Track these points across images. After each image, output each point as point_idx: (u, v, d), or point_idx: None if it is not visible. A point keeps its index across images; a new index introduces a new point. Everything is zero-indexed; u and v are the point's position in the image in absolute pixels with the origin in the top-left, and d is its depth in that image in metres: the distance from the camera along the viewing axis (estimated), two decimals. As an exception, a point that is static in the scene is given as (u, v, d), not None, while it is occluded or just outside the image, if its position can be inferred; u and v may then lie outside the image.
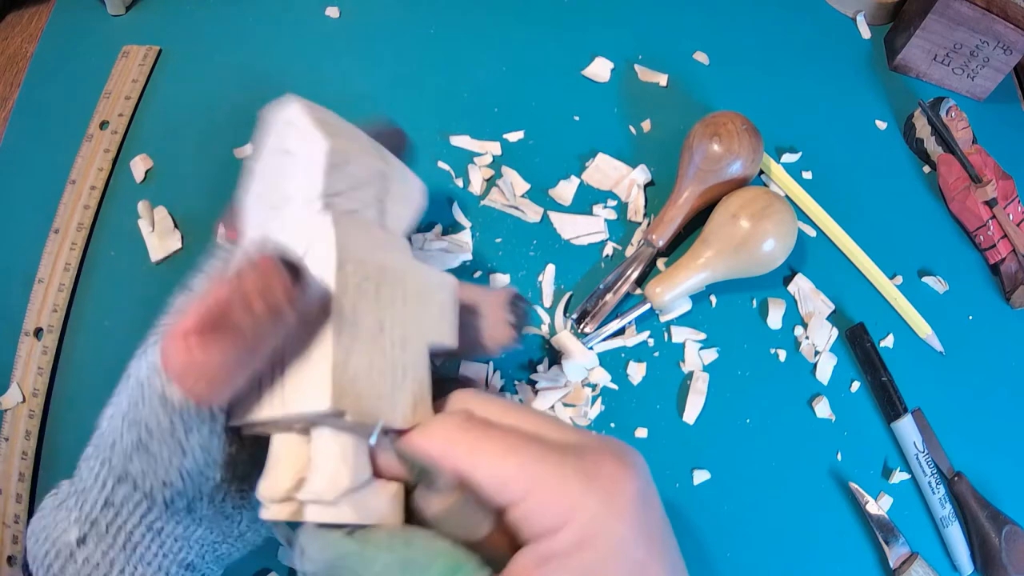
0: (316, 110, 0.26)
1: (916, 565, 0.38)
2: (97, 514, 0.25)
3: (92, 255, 0.39)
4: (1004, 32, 0.49)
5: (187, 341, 0.21)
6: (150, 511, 0.25)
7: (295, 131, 0.25)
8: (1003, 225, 0.47)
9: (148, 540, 0.25)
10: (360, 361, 0.23)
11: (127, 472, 0.24)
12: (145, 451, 0.23)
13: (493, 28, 0.49)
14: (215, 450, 0.24)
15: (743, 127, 0.42)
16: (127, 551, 0.25)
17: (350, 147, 0.25)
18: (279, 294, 0.21)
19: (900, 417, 0.41)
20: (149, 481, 0.24)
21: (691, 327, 0.42)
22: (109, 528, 0.25)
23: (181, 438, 0.23)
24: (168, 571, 0.26)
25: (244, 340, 0.21)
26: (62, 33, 0.45)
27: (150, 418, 0.23)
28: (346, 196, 0.25)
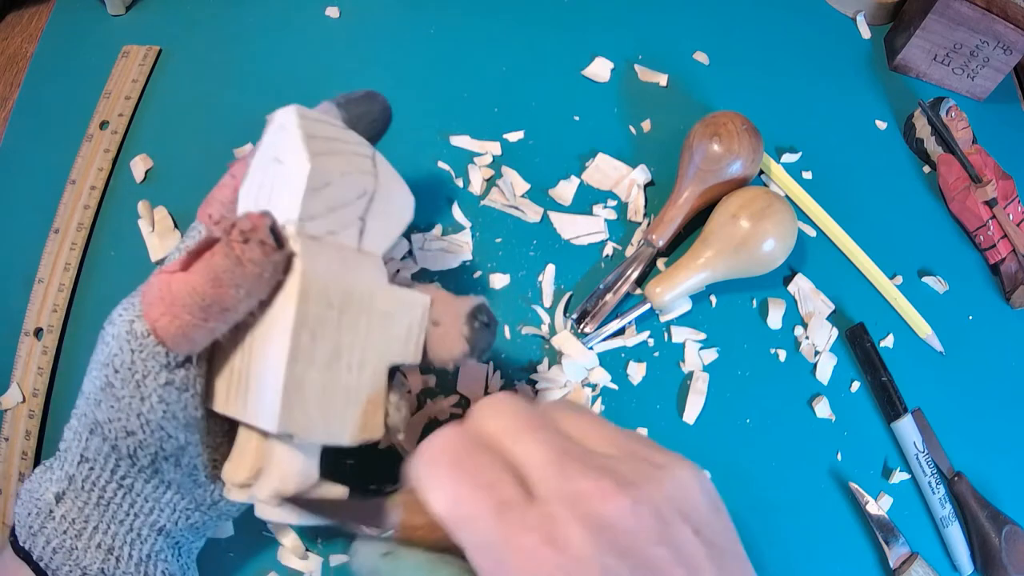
0: (312, 121, 0.26)
1: (916, 565, 0.38)
2: (74, 470, 0.26)
3: (92, 255, 0.39)
4: (1004, 32, 0.49)
5: (171, 275, 0.23)
6: (118, 465, 0.26)
7: (287, 141, 0.25)
8: (1003, 225, 0.47)
9: (120, 498, 0.26)
10: (313, 387, 0.24)
11: (96, 420, 0.25)
12: (110, 391, 0.24)
13: (493, 28, 0.49)
14: (174, 405, 0.25)
15: (743, 127, 0.42)
16: (100, 508, 0.26)
17: (335, 167, 0.25)
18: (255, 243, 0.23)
19: (900, 417, 0.41)
20: (113, 428, 0.25)
21: (691, 327, 0.42)
22: (84, 484, 0.26)
23: (139, 379, 0.24)
24: (140, 532, 0.27)
25: (214, 277, 0.23)
26: (62, 33, 0.45)
27: (115, 354, 0.24)
28: (323, 219, 0.25)
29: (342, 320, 0.25)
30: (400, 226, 0.28)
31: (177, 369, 0.25)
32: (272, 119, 0.27)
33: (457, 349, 0.28)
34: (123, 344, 0.24)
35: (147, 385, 0.24)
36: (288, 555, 0.34)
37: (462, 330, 0.28)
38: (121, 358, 0.24)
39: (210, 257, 0.23)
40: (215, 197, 0.28)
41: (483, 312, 0.29)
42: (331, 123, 0.27)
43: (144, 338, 0.24)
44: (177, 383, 0.25)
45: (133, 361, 0.24)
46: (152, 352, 0.24)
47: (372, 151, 0.28)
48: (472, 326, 0.28)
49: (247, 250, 0.23)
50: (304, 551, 0.34)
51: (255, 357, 0.25)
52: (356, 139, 0.28)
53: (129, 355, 0.24)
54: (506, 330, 0.40)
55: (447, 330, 0.28)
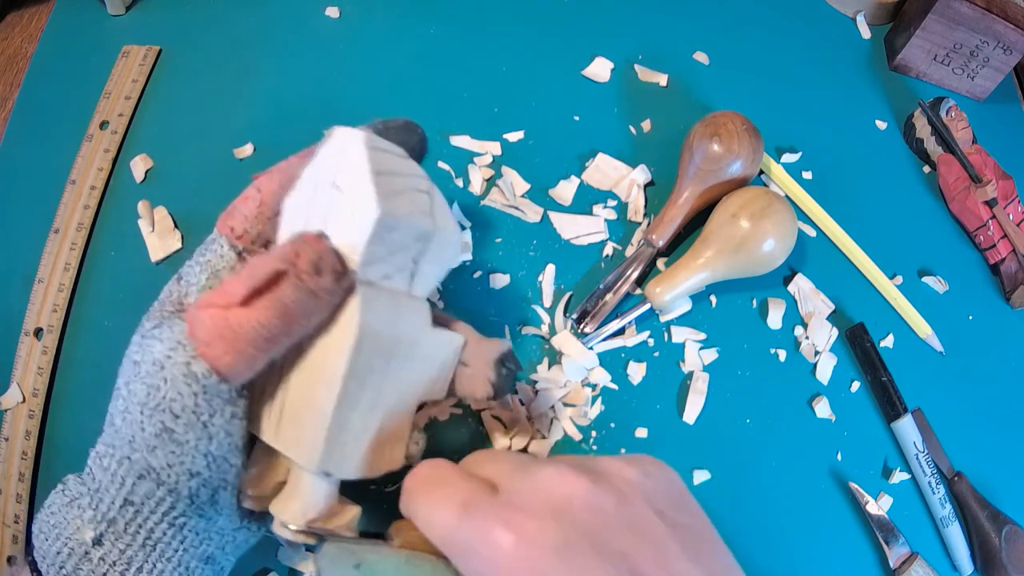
0: (379, 153, 0.25)
1: (916, 565, 0.38)
2: (115, 513, 0.24)
3: (92, 255, 0.39)
4: (1004, 32, 0.49)
5: (227, 310, 0.22)
6: (174, 508, 0.24)
7: (351, 171, 0.24)
8: (1003, 225, 0.47)
9: (169, 536, 0.25)
10: (353, 429, 0.25)
11: (150, 467, 0.24)
12: (169, 438, 0.23)
13: (493, 28, 0.49)
14: (237, 434, 0.24)
15: (743, 127, 0.42)
16: (147, 549, 0.24)
17: (400, 210, 0.24)
18: (327, 273, 0.22)
19: (900, 417, 0.41)
20: (175, 472, 0.24)
21: (691, 327, 0.42)
22: (128, 527, 0.24)
23: (206, 420, 0.23)
24: (188, 566, 0.25)
25: (283, 310, 0.22)
26: (62, 33, 0.45)
27: (174, 400, 0.23)
28: (382, 263, 0.25)
29: (389, 367, 0.25)
30: (447, 267, 0.28)
31: (239, 400, 0.24)
32: (331, 136, 0.26)
33: (480, 391, 0.29)
34: (182, 388, 0.23)
35: (214, 424, 0.23)
36: (288, 555, 0.34)
37: (489, 375, 0.29)
38: (181, 403, 0.23)
39: (278, 291, 0.22)
40: (238, 210, 0.27)
41: (510, 360, 0.30)
42: (394, 153, 0.26)
43: (206, 379, 0.23)
44: (240, 413, 0.24)
45: (197, 404, 0.23)
46: (217, 391, 0.23)
47: (429, 185, 0.27)
48: (499, 372, 0.29)
49: (321, 281, 0.22)
50: (304, 551, 0.34)
51: (295, 390, 0.24)
52: (417, 171, 0.27)
53: (192, 399, 0.23)
54: (506, 330, 0.40)
55: (475, 372, 0.29)
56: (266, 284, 0.22)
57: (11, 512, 0.34)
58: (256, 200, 0.26)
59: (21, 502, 0.34)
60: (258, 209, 0.26)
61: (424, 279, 0.27)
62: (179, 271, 0.27)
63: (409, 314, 0.26)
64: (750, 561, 0.38)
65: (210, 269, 0.26)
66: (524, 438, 0.37)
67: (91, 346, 0.37)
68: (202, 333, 0.23)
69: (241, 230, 0.26)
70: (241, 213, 0.27)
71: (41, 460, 0.35)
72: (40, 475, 0.35)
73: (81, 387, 0.36)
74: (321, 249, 0.22)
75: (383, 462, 0.27)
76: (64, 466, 0.35)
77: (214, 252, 0.27)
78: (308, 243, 0.22)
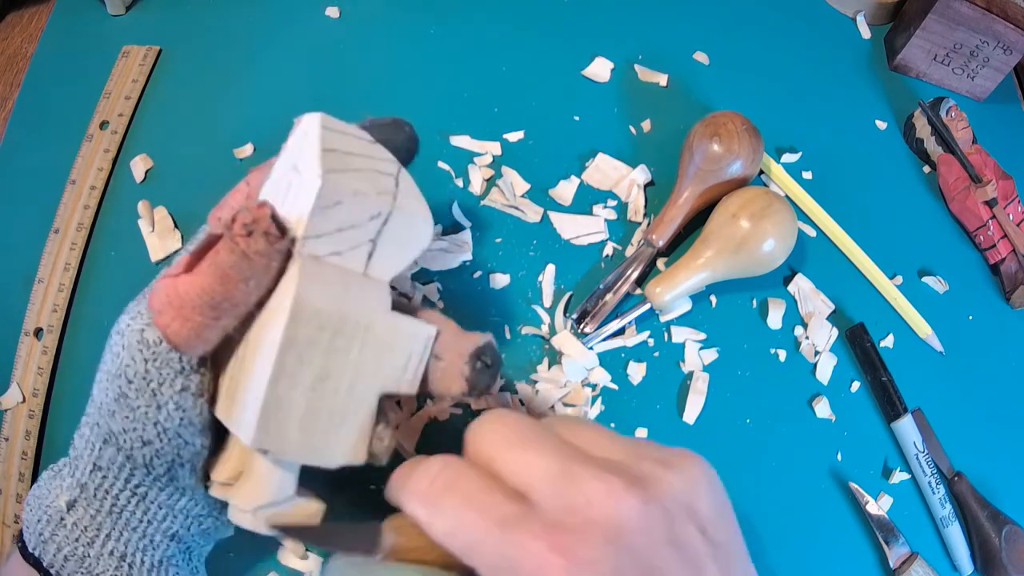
0: (335, 133, 0.25)
1: (916, 565, 0.38)
2: (86, 479, 0.26)
3: (92, 255, 0.39)
4: (1004, 32, 0.49)
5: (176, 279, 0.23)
6: (133, 475, 0.25)
7: (306, 149, 0.25)
8: (1003, 225, 0.47)
9: (133, 506, 0.26)
10: (294, 407, 0.24)
11: (111, 431, 0.25)
12: (125, 403, 0.24)
13: (493, 28, 0.49)
14: (191, 411, 0.25)
15: (743, 127, 0.42)
16: (113, 516, 0.26)
17: (349, 185, 0.24)
18: (259, 235, 0.23)
19: (900, 417, 0.41)
20: (129, 439, 0.24)
21: (691, 327, 0.42)
22: (97, 492, 0.25)
23: (155, 387, 0.24)
24: (153, 538, 0.26)
25: (221, 274, 0.23)
26: (62, 33, 0.45)
27: (128, 365, 0.24)
28: (329, 238, 0.24)
29: (334, 344, 0.24)
30: (414, 252, 0.27)
31: (192, 374, 0.24)
32: (299, 122, 0.26)
33: (455, 387, 0.27)
34: (135, 354, 0.24)
35: (163, 393, 0.24)
36: (288, 555, 0.34)
37: (463, 369, 0.27)
38: (134, 368, 0.24)
39: (215, 255, 0.23)
40: (227, 203, 0.27)
41: (487, 353, 0.28)
42: (357, 136, 0.26)
43: (157, 346, 0.23)
44: (193, 388, 0.24)
45: (147, 371, 0.24)
46: (166, 359, 0.24)
47: (397, 169, 0.27)
48: (473, 367, 0.27)
49: (252, 243, 0.22)
50: (304, 551, 0.34)
51: (244, 367, 0.24)
52: (383, 155, 0.27)
53: (143, 365, 0.24)
54: (506, 330, 0.40)
55: (448, 366, 0.27)
56: (205, 249, 0.23)
57: (11, 512, 0.34)
58: (244, 193, 0.27)
59: (21, 502, 0.34)
60: (246, 201, 0.27)
61: (385, 261, 0.26)
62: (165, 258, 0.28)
63: (360, 293, 0.25)
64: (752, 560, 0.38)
65: None
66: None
67: (91, 346, 0.37)
68: (155, 302, 0.24)
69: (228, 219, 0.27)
70: (229, 205, 0.27)
71: (41, 460, 0.35)
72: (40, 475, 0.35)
73: (81, 387, 0.36)
74: (256, 212, 0.23)
75: (336, 451, 0.25)
76: (64, 466, 0.35)
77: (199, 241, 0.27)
78: (247, 209, 0.23)
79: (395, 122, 0.31)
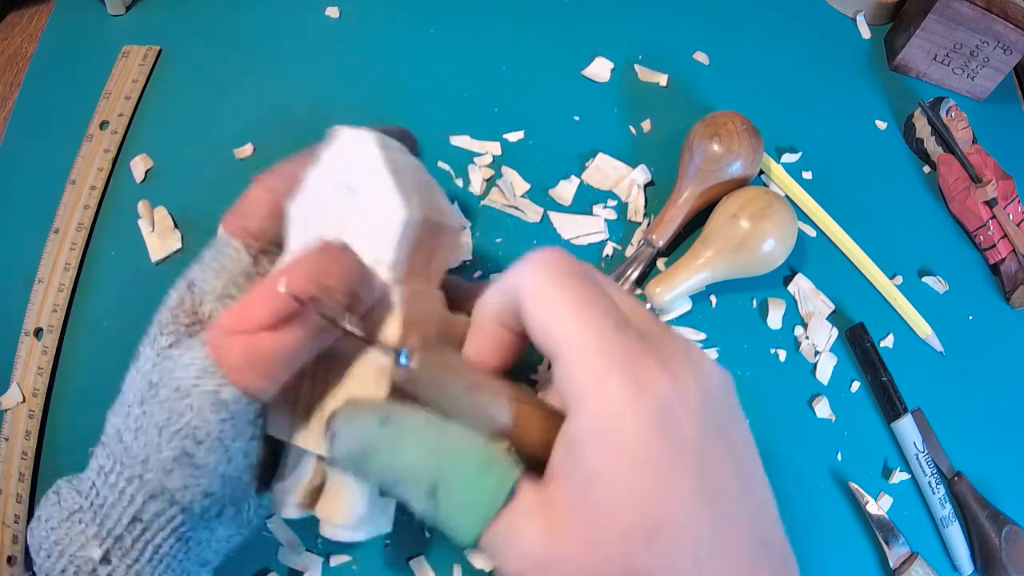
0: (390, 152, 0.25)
1: (916, 565, 0.38)
2: (122, 531, 0.24)
3: (92, 255, 0.39)
4: (1004, 32, 0.49)
5: (255, 335, 0.21)
6: (183, 524, 0.24)
7: (366, 172, 0.24)
8: (1003, 225, 0.47)
9: (176, 550, 0.25)
10: None
11: (164, 488, 0.23)
12: (189, 462, 0.23)
13: (493, 28, 0.49)
14: (254, 453, 0.24)
15: (743, 127, 0.42)
16: (153, 563, 0.24)
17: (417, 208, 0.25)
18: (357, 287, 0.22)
19: (900, 417, 0.41)
20: (190, 493, 0.23)
21: (691, 327, 0.42)
22: (136, 543, 0.24)
23: (229, 443, 0.23)
24: (189, 572, 0.25)
25: (319, 333, 0.22)
26: (62, 33, 0.45)
27: (198, 427, 0.22)
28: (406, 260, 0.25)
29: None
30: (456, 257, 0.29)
31: (259, 419, 0.24)
32: (337, 137, 0.26)
33: None
34: (208, 416, 0.22)
35: (236, 446, 0.23)
36: (288, 555, 0.34)
37: None
38: (207, 429, 0.22)
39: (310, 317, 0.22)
40: (253, 212, 0.26)
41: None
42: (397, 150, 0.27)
43: (236, 405, 0.22)
44: (259, 432, 0.24)
45: (223, 430, 0.22)
46: (245, 414, 0.23)
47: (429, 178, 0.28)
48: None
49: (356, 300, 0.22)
50: (304, 551, 0.34)
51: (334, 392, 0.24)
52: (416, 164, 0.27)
53: (218, 426, 0.22)
54: (506, 330, 0.40)
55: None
56: (291, 315, 0.21)
57: (11, 512, 0.34)
58: (269, 201, 0.26)
59: (21, 502, 0.34)
60: (271, 209, 0.26)
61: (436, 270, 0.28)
62: (187, 277, 0.26)
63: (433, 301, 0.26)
64: (750, 561, 0.38)
65: (226, 275, 0.25)
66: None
67: (91, 346, 0.37)
68: (232, 361, 0.22)
69: (257, 230, 0.26)
70: (256, 214, 0.26)
71: (41, 460, 0.35)
72: (40, 475, 0.35)
73: (81, 387, 0.36)
74: (348, 265, 0.22)
75: None
76: (64, 466, 0.35)
77: (228, 256, 0.26)
78: (333, 259, 0.22)
79: (401, 132, 0.31)
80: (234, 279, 0.25)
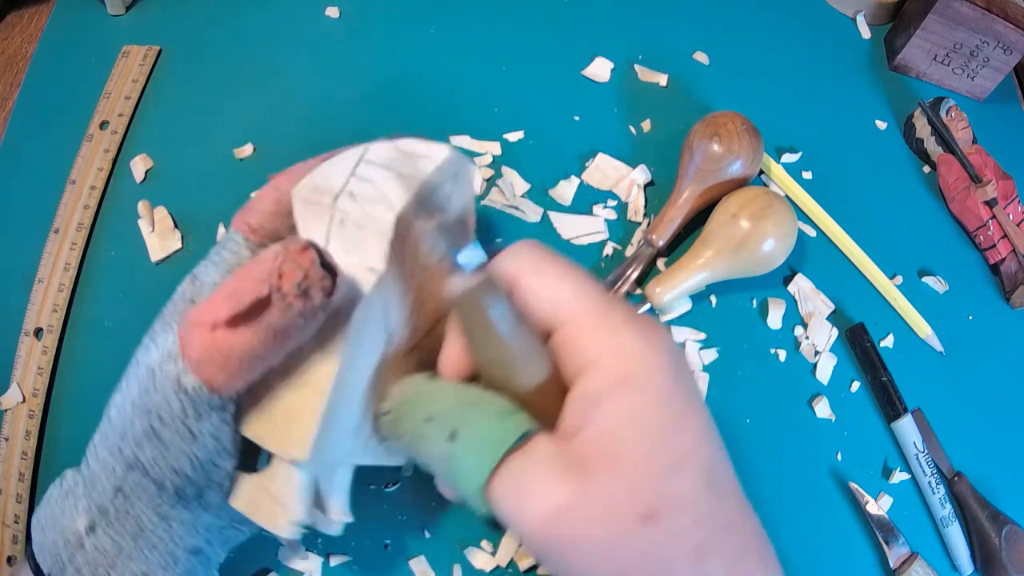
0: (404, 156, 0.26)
1: (916, 565, 0.38)
2: (107, 502, 0.25)
3: (92, 255, 0.39)
4: (1004, 32, 0.49)
5: (213, 331, 0.21)
6: (159, 497, 0.25)
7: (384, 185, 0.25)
8: (1003, 225, 0.47)
9: (155, 525, 0.25)
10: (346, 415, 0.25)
11: (137, 460, 0.24)
12: (156, 438, 0.23)
13: (493, 28, 0.49)
14: (225, 438, 0.24)
15: (743, 127, 0.42)
16: (136, 538, 0.25)
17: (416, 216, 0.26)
18: (317, 294, 0.21)
19: (900, 417, 0.41)
20: (160, 468, 0.24)
21: (691, 327, 0.42)
22: (118, 514, 0.25)
23: (192, 425, 0.23)
24: (176, 556, 0.26)
25: (274, 334, 0.21)
26: (62, 33, 0.45)
27: (161, 405, 0.23)
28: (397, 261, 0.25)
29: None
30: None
31: (229, 404, 0.23)
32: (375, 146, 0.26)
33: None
34: (169, 397, 0.23)
35: (200, 428, 0.23)
36: (288, 555, 0.34)
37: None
38: (168, 409, 0.23)
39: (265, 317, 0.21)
40: (255, 208, 0.27)
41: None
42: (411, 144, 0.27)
43: (196, 393, 0.22)
44: (228, 418, 0.24)
45: (184, 412, 0.23)
46: (207, 400, 0.23)
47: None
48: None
49: (309, 301, 0.21)
50: (304, 551, 0.34)
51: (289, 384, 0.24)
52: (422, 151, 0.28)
53: (179, 406, 0.23)
54: (506, 330, 0.40)
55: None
56: (250, 308, 0.21)
57: (11, 512, 0.34)
58: (273, 198, 0.26)
59: (21, 502, 0.34)
60: (275, 206, 0.26)
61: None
62: (194, 270, 0.27)
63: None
64: (750, 561, 0.38)
65: (225, 267, 0.26)
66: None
67: (91, 346, 0.37)
68: (193, 353, 0.22)
69: (256, 224, 0.26)
70: (258, 208, 0.27)
71: (41, 460, 0.35)
72: (40, 475, 0.35)
73: (81, 387, 0.36)
74: (308, 268, 0.21)
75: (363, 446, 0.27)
76: (64, 466, 0.35)
77: (230, 250, 0.26)
78: (292, 259, 0.21)
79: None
80: (230, 271, 0.26)
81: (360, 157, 0.25)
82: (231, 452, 0.25)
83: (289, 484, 0.25)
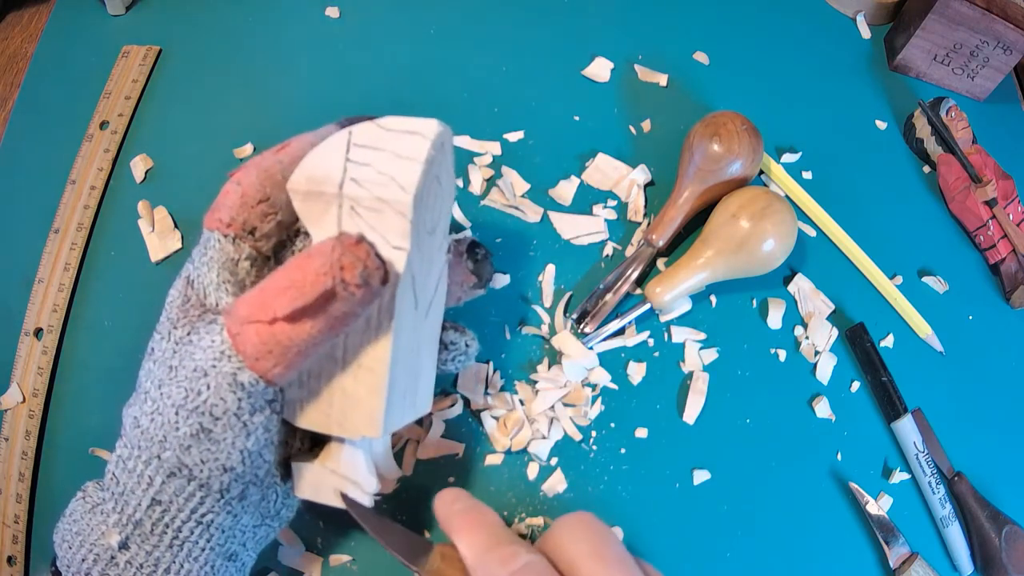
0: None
1: (916, 565, 0.38)
2: (142, 515, 0.24)
3: (92, 255, 0.39)
4: (1004, 32, 0.49)
5: (272, 325, 0.22)
6: (203, 503, 0.25)
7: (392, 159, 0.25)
8: (1003, 225, 0.47)
9: (196, 535, 0.25)
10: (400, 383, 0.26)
11: (182, 464, 0.24)
12: (207, 437, 0.24)
13: (493, 28, 0.49)
14: (274, 430, 0.25)
15: (743, 127, 0.42)
16: (174, 549, 0.25)
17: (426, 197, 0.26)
18: (375, 282, 0.22)
19: (900, 417, 0.41)
20: (208, 468, 0.24)
21: (691, 327, 0.42)
22: (155, 527, 0.25)
23: (246, 419, 0.24)
24: (214, 564, 0.26)
25: (333, 323, 0.22)
26: (62, 33, 0.45)
27: (215, 404, 0.23)
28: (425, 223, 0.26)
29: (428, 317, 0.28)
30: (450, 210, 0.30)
31: (278, 396, 0.24)
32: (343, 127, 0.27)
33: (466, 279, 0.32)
34: (226, 395, 0.23)
35: (254, 422, 0.24)
36: (288, 555, 0.34)
37: (466, 265, 0.31)
38: (223, 407, 0.23)
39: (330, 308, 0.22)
40: (223, 204, 0.27)
41: (479, 246, 0.32)
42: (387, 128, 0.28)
43: (253, 387, 0.23)
44: (278, 408, 0.25)
45: (240, 407, 0.23)
46: (262, 394, 0.24)
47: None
48: (475, 259, 0.31)
49: (369, 290, 0.22)
50: (304, 551, 0.34)
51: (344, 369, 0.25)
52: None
53: (235, 404, 0.23)
54: (506, 330, 0.40)
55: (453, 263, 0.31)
56: (315, 304, 0.22)
57: (11, 512, 0.34)
58: (238, 192, 0.27)
59: (21, 502, 0.34)
60: (240, 199, 0.27)
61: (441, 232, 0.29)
62: (184, 275, 0.27)
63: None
64: (750, 561, 0.38)
65: (216, 265, 0.27)
66: (524, 438, 0.37)
67: (91, 346, 0.37)
68: (250, 349, 0.23)
69: (228, 219, 0.27)
70: (226, 204, 0.27)
71: (41, 460, 0.35)
72: (40, 475, 0.35)
73: (81, 387, 0.37)
74: (364, 257, 0.22)
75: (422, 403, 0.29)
76: (64, 466, 0.35)
77: (214, 248, 0.27)
78: (350, 251, 0.22)
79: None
80: (223, 266, 0.27)
81: (348, 141, 0.25)
82: (276, 444, 0.25)
83: (355, 461, 0.27)
